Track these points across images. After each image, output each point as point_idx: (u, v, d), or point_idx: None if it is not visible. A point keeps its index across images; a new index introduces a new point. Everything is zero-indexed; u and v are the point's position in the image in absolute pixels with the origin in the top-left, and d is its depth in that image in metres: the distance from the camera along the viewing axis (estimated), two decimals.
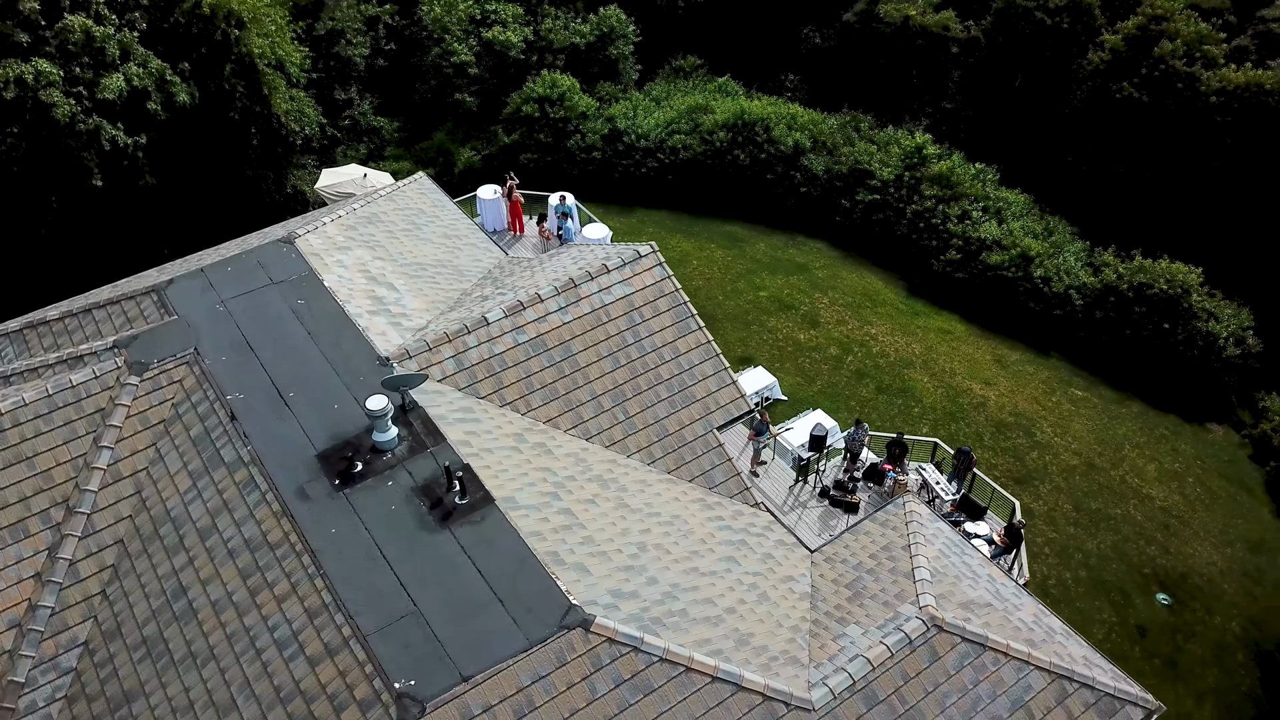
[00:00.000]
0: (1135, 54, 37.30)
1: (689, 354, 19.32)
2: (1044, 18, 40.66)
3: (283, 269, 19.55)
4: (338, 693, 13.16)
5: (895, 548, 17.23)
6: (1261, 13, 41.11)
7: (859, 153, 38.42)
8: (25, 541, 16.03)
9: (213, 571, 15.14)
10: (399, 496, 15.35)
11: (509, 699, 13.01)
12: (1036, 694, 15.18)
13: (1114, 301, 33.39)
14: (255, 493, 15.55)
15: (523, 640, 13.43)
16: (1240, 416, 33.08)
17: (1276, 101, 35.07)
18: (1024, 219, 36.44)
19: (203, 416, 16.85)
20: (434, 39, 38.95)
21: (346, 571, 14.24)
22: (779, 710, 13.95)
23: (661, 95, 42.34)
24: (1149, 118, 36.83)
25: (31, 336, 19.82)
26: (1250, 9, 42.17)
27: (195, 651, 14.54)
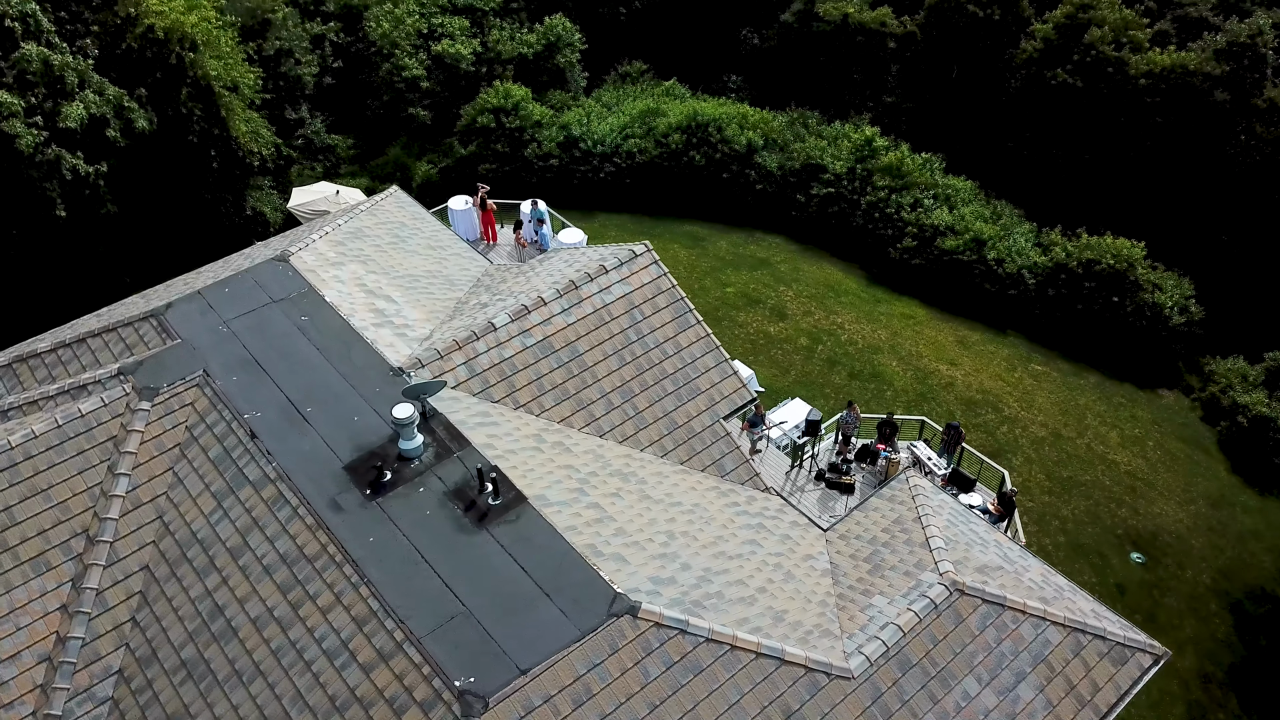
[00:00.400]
0: (1066, 42, 38.94)
1: (690, 347, 19.82)
2: (976, 10, 42.15)
3: (281, 287, 19.55)
4: (396, 696, 13.34)
5: (906, 521, 17.92)
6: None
7: (810, 148, 39.41)
8: (48, 575, 15.87)
9: (249, 589, 15.16)
10: (432, 502, 15.55)
11: (567, 688, 13.33)
12: (1054, 648, 15.98)
13: (1064, 278, 34.82)
14: (286, 508, 15.61)
15: (574, 631, 13.76)
16: (1189, 381, 34.73)
17: (1200, 81, 36.95)
18: (972, 204, 37.76)
19: (220, 437, 16.82)
20: (383, 55, 38.92)
21: (390, 578, 14.41)
22: (821, 680, 14.50)
23: (612, 101, 42.85)
24: (1082, 102, 38.48)
25: (22, 370, 19.49)
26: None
27: (240, 669, 14.55)
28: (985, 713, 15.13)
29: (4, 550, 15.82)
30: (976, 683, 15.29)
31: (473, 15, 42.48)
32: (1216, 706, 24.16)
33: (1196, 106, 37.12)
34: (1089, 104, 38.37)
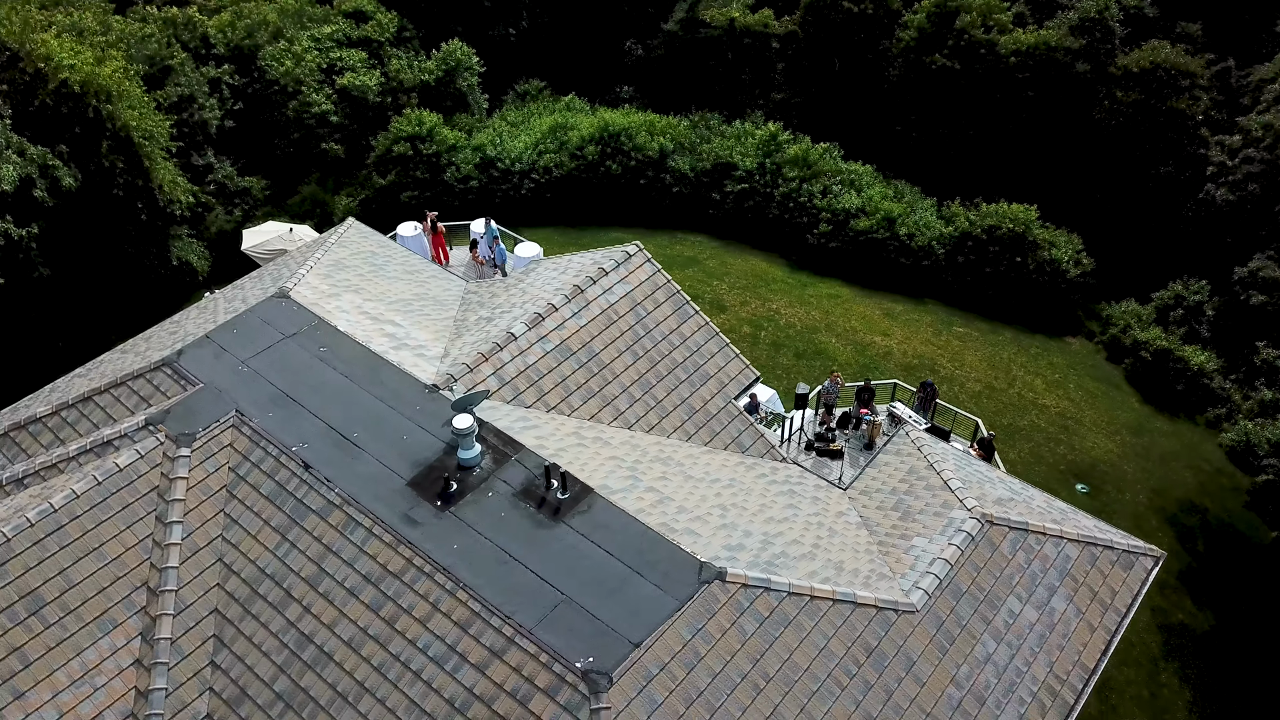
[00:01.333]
0: (939, 29, 41.91)
1: (694, 336, 20.90)
2: (850, 6, 44.81)
3: (290, 322, 19.64)
4: (518, 687, 13.90)
5: (919, 470, 19.46)
6: None
7: (718, 148, 41.06)
8: (115, 632, 15.70)
9: (336, 614, 15.38)
10: (503, 503, 16.12)
11: (678, 654, 14.19)
12: (1074, 561, 17.76)
13: (971, 245, 37.50)
14: (359, 530, 15.88)
15: (673, 601, 14.63)
16: (1090, 327, 37.91)
17: (1063, 55, 40.44)
18: (875, 187, 40.15)
19: (270, 473, 16.91)
20: (288, 92, 38.51)
21: (485, 579, 14.94)
22: (891, 617, 15.80)
23: (518, 120, 43.53)
24: (961, 82, 41.48)
25: (22, 438, 18.97)
26: None
27: (343, 691, 14.79)
28: (1030, 626, 16.74)
29: (67, 613, 15.57)
30: (1018, 601, 16.90)
31: (368, 47, 42.43)
32: (1174, 608, 26.77)
33: (1062, 78, 40.59)
34: (967, 84, 41.41)
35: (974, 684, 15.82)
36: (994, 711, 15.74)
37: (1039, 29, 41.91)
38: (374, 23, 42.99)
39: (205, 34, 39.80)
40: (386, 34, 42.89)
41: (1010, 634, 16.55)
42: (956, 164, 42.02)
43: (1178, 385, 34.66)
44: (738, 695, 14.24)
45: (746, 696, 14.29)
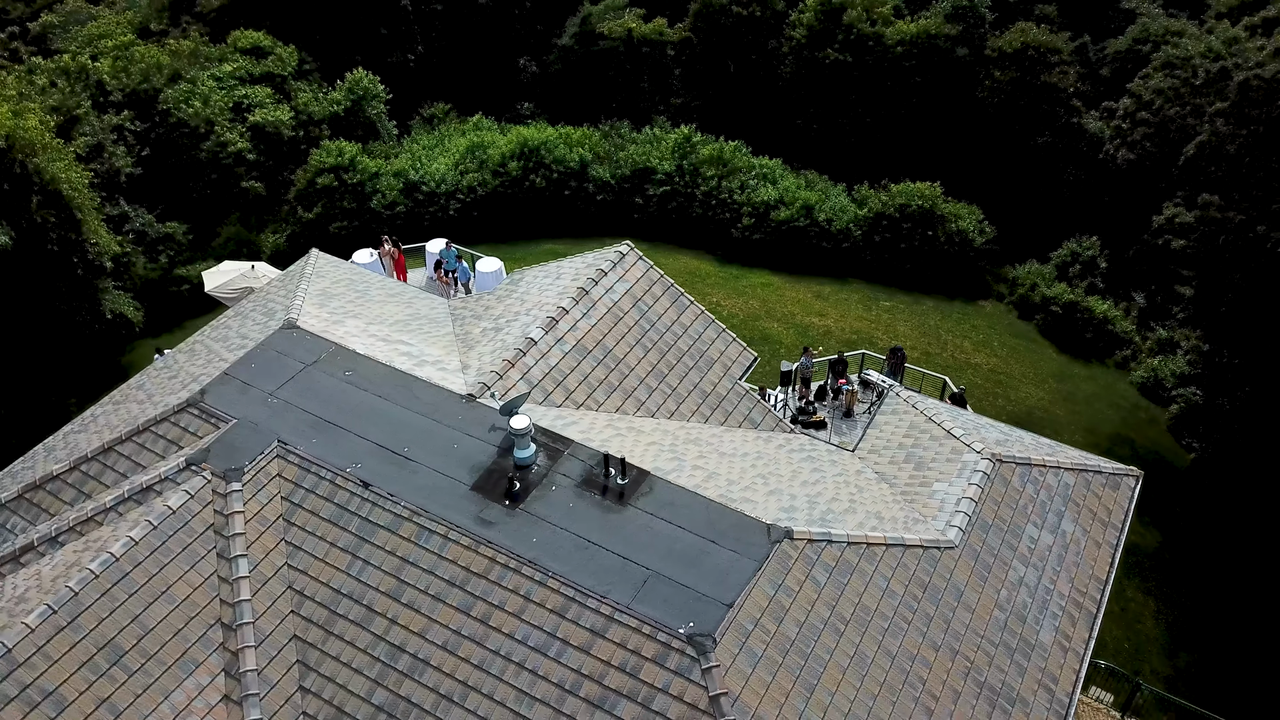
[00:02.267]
0: (828, 25, 44.35)
1: (693, 325, 21.98)
2: (740, 10, 46.89)
3: (306, 350, 19.76)
4: (625, 661, 14.66)
5: (919, 425, 21.04)
6: None
7: (635, 154, 42.34)
8: (199, 671, 15.67)
9: (425, 621, 15.75)
10: (569, 495, 16.80)
11: (766, 609, 15.22)
12: (1073, 487, 19.64)
13: (885, 224, 39.91)
14: (434, 539, 16.29)
15: (751, 563, 15.65)
16: (998, 290, 40.87)
17: (943, 41, 43.43)
18: (787, 179, 42.17)
19: (327, 496, 17.10)
20: (200, 134, 37.74)
21: (571, 566, 15.61)
22: (936, 555, 17.23)
23: (431, 143, 43.72)
24: (854, 73, 43.99)
25: (41, 497, 18.51)
26: None
27: (447, 692, 15.20)
28: (1049, 549, 18.48)
29: (148, 659, 15.45)
30: (1035, 528, 18.63)
31: (272, 82, 41.91)
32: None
33: (944, 63, 43.58)
34: (860, 75, 43.96)
35: (1014, 605, 17.41)
36: (1034, 628, 17.36)
37: (914, 20, 44.84)
38: (274, 58, 42.51)
39: (100, 80, 38.61)
40: (288, 68, 42.47)
41: (1034, 558, 18.24)
42: (859, 150, 44.52)
43: (1086, 333, 37.82)
44: (823, 640, 15.38)
45: (830, 640, 15.44)
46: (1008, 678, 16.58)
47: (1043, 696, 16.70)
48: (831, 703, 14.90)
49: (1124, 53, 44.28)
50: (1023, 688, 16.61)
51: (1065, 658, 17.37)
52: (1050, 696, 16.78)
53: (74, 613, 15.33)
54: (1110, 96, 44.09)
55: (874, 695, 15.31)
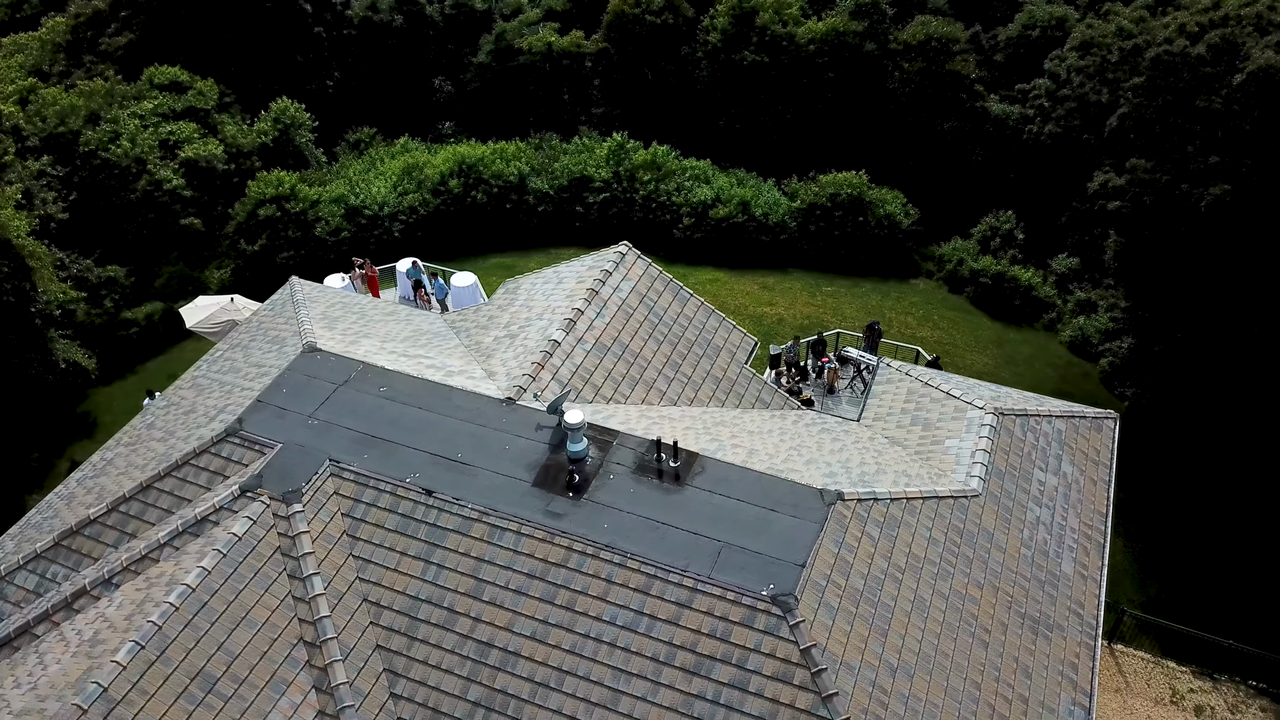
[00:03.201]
0: (742, 29, 46.04)
1: (696, 316, 23.00)
2: (652, 19, 48.20)
3: (334, 371, 19.97)
4: (715, 627, 15.54)
5: (917, 390, 22.52)
6: None
7: (571, 164, 43.12)
8: (290, 690, 15.84)
9: (510, 615, 16.28)
10: (627, 481, 17.57)
11: (834, 565, 16.33)
12: (1065, 433, 21.41)
13: (819, 214, 41.69)
14: (508, 535, 16.83)
15: (813, 525, 16.73)
16: (927, 267, 43.15)
17: (852, 38, 45.63)
18: (719, 178, 43.61)
19: (390, 508, 17.43)
20: (131, 173, 36.84)
21: (645, 546, 16.39)
22: (965, 503, 18.65)
23: (363, 168, 43.57)
24: (771, 73, 45.76)
25: (80, 543, 18.27)
26: None
27: (543, 680, 15.77)
28: (1055, 489, 20.15)
29: (240, 684, 15.55)
30: (1041, 471, 20.28)
31: (195, 117, 41.13)
32: None
33: (855, 58, 45.78)
34: (777, 74, 45.77)
35: (1036, 542, 18.97)
36: (1056, 560, 18.95)
37: (822, 20, 46.96)
38: (194, 92, 41.73)
39: (16, 125, 37.31)
40: (210, 102, 41.76)
41: (1044, 498, 19.86)
42: (783, 146, 46.32)
43: (1015, 301, 40.36)
44: (885, 588, 16.56)
45: (891, 588, 16.64)
46: (1043, 607, 18.09)
47: (1074, 621, 18.27)
48: (903, 644, 16.08)
49: (1015, 38, 47.38)
50: (1056, 615, 18.14)
51: (1086, 585, 19.01)
52: (1080, 620, 18.36)
53: (161, 646, 15.32)
54: (1006, 81, 47.15)
55: (937, 634, 16.56)
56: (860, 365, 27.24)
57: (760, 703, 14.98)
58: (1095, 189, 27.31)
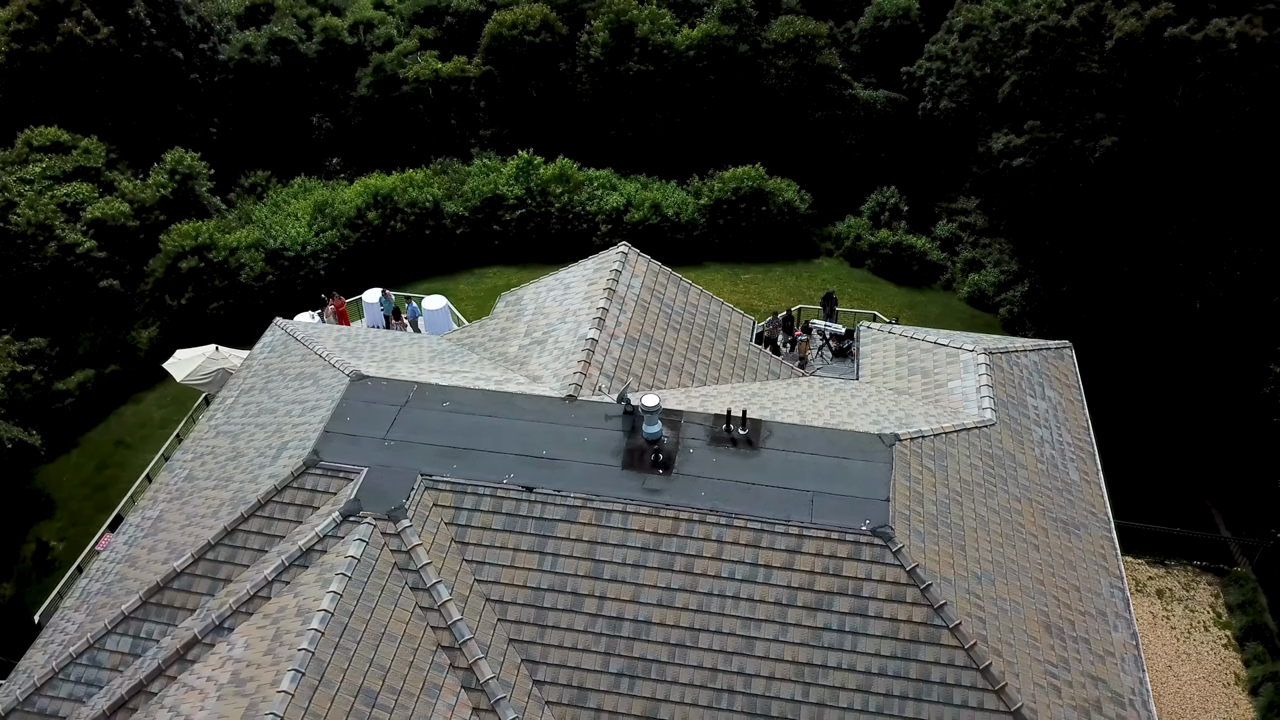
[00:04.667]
0: (623, 41, 47.91)
1: (700, 304, 24.61)
2: (530, 39, 49.45)
3: (390, 394, 20.44)
4: (826, 565, 17.24)
5: (905, 346, 24.89)
6: None
7: (480, 185, 43.82)
8: (444, 694, 16.48)
9: (633, 589, 17.44)
10: (707, 453, 19.01)
11: (909, 497, 18.31)
12: (1038, 363, 24.26)
13: (725, 208, 44.07)
14: (615, 516, 17.97)
15: (883, 465, 18.69)
16: (826, 246, 46.29)
17: (726, 41, 48.32)
18: (625, 185, 45.32)
19: (493, 510, 18.23)
20: (38, 240, 35.16)
21: (744, 506, 17.91)
22: (988, 432, 21.05)
23: (267, 211, 42.78)
24: (657, 80, 47.81)
25: (171, 595, 18.16)
26: None
27: (678, 641, 17.03)
28: (1046, 411, 22.92)
29: (398, 694, 16.08)
30: (1032, 397, 23.00)
31: (86, 176, 39.46)
32: None
33: (731, 60, 48.48)
34: (662, 81, 47.89)
35: (1046, 457, 21.61)
36: (1065, 470, 21.65)
37: (695, 27, 49.49)
38: (80, 151, 40.02)
39: None
40: (99, 160, 40.16)
41: (1041, 419, 22.58)
42: (676, 148, 48.47)
43: (914, 267, 43.99)
44: (952, 511, 18.70)
45: (956, 510, 18.79)
46: (1067, 511, 20.71)
47: (1092, 520, 20.99)
48: (978, 556, 18.25)
49: (869, 30, 51.37)
50: (1078, 516, 20.80)
51: (1092, 489, 21.81)
52: (1096, 518, 21.10)
53: (319, 670, 15.67)
54: (866, 70, 51.09)
55: (999, 544, 18.83)
56: (826, 334, 29.50)
57: (881, 624, 16.78)
58: (998, 150, 30.64)
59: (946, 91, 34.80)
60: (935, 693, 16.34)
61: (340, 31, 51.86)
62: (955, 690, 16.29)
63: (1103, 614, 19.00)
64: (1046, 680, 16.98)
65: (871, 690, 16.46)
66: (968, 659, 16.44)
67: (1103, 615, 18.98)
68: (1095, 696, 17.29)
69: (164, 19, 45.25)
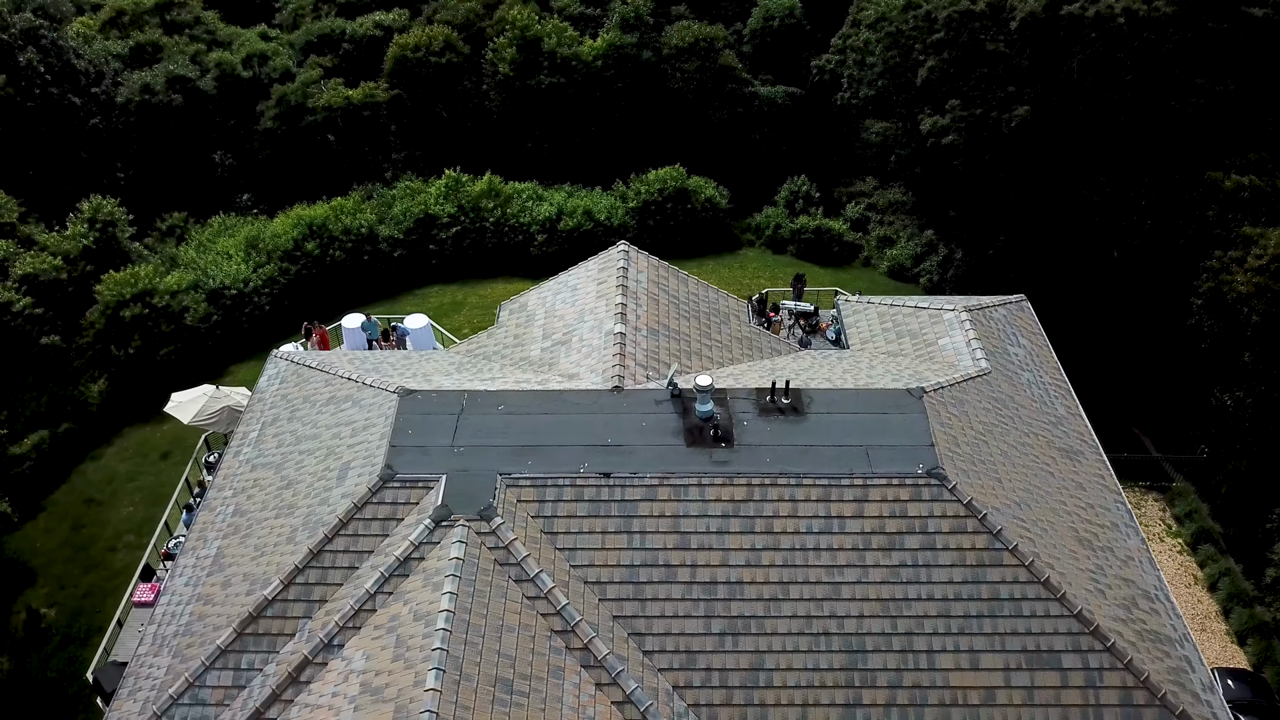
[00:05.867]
0: (532, 56, 48.77)
1: (699, 291, 26.03)
2: (435, 59, 49.80)
3: (446, 405, 21.03)
4: (893, 509, 18.92)
5: (885, 314, 26.91)
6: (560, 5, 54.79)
7: (411, 207, 43.97)
8: (567, 674, 17.33)
9: (721, 554, 18.69)
10: (759, 423, 20.44)
11: (947, 440, 20.20)
12: (1006, 316, 26.71)
13: (653, 209, 45.65)
14: (693, 490, 19.16)
15: (921, 415, 20.56)
16: (748, 238, 48.47)
17: (630, 49, 49.88)
18: (553, 194, 46.29)
19: (575, 498, 19.14)
20: None
21: (808, 465, 19.40)
22: (988, 379, 23.19)
23: (194, 254, 41.74)
24: (569, 91, 48.88)
25: (266, 624, 18.32)
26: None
27: (771, 595, 18.36)
28: (1024, 356, 25.33)
29: (529, 679, 16.86)
30: (1010, 346, 25.39)
31: (2, 232, 37.71)
32: None
33: (637, 66, 50.04)
34: (574, 91, 49.01)
35: (1035, 396, 23.97)
36: (1053, 406, 24.05)
37: (598, 37, 50.88)
38: None
39: None
40: (13, 214, 38.44)
41: (1023, 364, 24.97)
42: (594, 155, 49.70)
43: (834, 248, 46.64)
44: (976, 445, 20.71)
45: (984, 447, 20.82)
46: (1065, 441, 23.09)
47: (1085, 447, 23.44)
48: (1012, 485, 20.32)
49: (759, 30, 53.87)
50: (1075, 444, 23.21)
51: (1077, 421, 24.29)
52: (1088, 446, 23.57)
53: (457, 667, 16.28)
54: (761, 68, 53.58)
55: (1024, 475, 20.97)
56: (795, 313, 31.39)
57: (949, 554, 18.57)
58: (927, 130, 33.29)
59: (865, 80, 37.33)
60: (1006, 608, 18.22)
61: (234, 66, 50.82)
62: (1023, 604, 18.22)
63: (1115, 526, 21.39)
64: (1092, 585, 19.12)
65: (951, 614, 18.21)
66: (1029, 575, 18.39)
67: (1115, 527, 21.36)
68: (1130, 594, 19.57)
69: (55, 64, 43.55)
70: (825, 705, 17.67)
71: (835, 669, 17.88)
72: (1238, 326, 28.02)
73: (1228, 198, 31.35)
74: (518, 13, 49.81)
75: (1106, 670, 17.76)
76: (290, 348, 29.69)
